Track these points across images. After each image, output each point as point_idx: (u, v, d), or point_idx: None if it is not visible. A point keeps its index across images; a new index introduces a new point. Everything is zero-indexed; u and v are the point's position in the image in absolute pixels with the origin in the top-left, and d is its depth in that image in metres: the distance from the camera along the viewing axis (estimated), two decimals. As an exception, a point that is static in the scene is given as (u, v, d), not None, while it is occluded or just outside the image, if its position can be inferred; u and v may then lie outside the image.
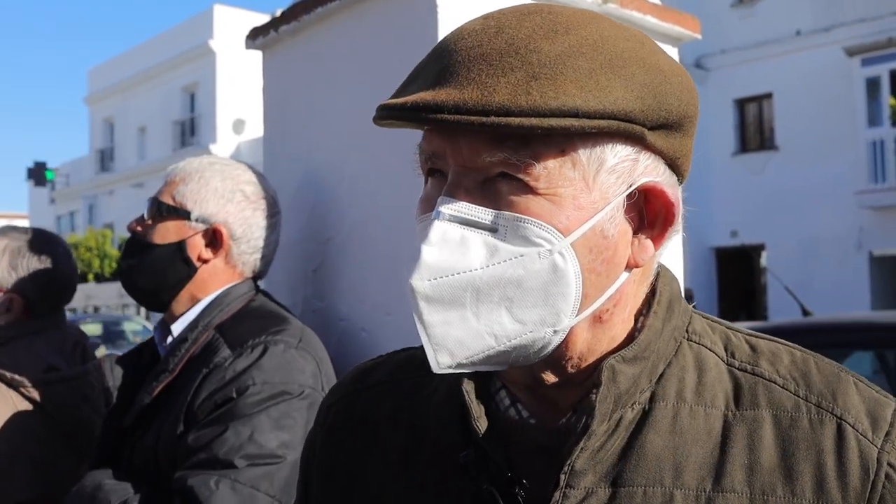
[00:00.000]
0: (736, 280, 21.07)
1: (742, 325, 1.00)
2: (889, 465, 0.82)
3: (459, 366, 0.82)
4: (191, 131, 34.08)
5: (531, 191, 0.79)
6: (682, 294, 0.94)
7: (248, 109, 31.18)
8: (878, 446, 0.83)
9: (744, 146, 21.00)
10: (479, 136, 0.79)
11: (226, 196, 1.89)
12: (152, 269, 1.86)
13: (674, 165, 0.87)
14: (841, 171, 18.50)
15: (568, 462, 0.83)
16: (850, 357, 4.65)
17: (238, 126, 31.64)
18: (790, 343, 0.94)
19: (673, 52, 2.39)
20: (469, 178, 0.81)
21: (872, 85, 18.59)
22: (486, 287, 0.79)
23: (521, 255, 0.79)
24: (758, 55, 20.25)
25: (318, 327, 2.03)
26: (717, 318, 0.97)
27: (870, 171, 18.31)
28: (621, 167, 0.82)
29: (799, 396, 0.86)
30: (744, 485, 0.82)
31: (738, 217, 19.58)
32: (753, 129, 21.14)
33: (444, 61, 0.81)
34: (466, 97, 0.76)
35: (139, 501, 1.63)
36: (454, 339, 0.80)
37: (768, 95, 20.46)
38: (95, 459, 1.86)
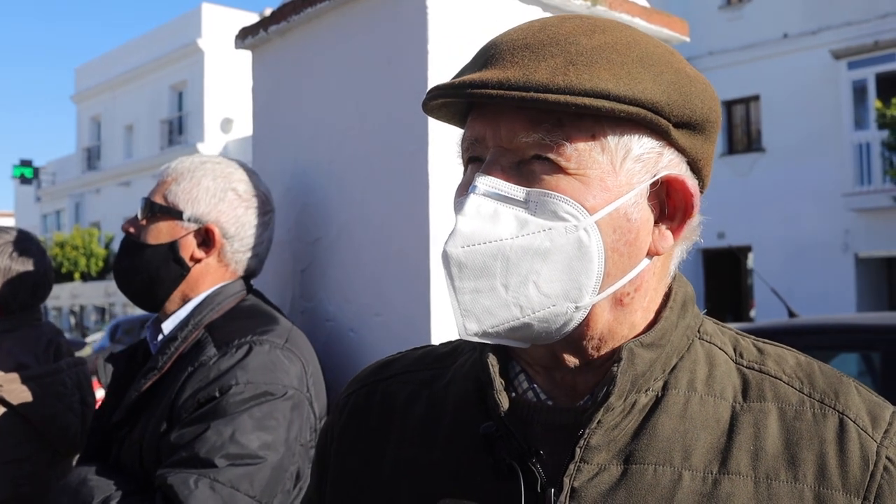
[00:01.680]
0: (722, 281, 21.16)
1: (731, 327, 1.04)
2: (888, 458, 0.88)
3: (485, 334, 0.87)
4: (178, 130, 33.92)
5: (562, 171, 0.86)
6: (695, 299, 1.00)
7: (236, 108, 31.08)
8: (878, 441, 0.88)
9: (731, 148, 21.08)
10: (518, 117, 0.86)
11: (217, 195, 1.89)
12: (146, 269, 1.87)
13: (695, 167, 0.94)
14: (827, 173, 18.60)
15: (584, 435, 0.87)
16: (835, 359, 4.66)
17: (226, 125, 31.52)
18: (794, 349, 0.99)
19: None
20: (506, 158, 0.88)
21: (859, 88, 18.71)
22: (515, 257, 0.85)
23: (549, 229, 0.85)
24: (745, 57, 20.33)
25: (305, 328, 2.03)
26: (726, 324, 1.03)
27: (856, 174, 18.42)
28: (646, 157, 0.89)
29: (804, 393, 0.92)
30: (749, 468, 0.87)
31: (725, 219, 19.62)
32: (740, 130, 21.22)
33: (490, 52, 0.90)
34: (509, 75, 0.85)
35: (121, 498, 1.63)
36: (482, 307, 0.86)
37: (755, 98, 20.55)
38: (84, 454, 1.87)
